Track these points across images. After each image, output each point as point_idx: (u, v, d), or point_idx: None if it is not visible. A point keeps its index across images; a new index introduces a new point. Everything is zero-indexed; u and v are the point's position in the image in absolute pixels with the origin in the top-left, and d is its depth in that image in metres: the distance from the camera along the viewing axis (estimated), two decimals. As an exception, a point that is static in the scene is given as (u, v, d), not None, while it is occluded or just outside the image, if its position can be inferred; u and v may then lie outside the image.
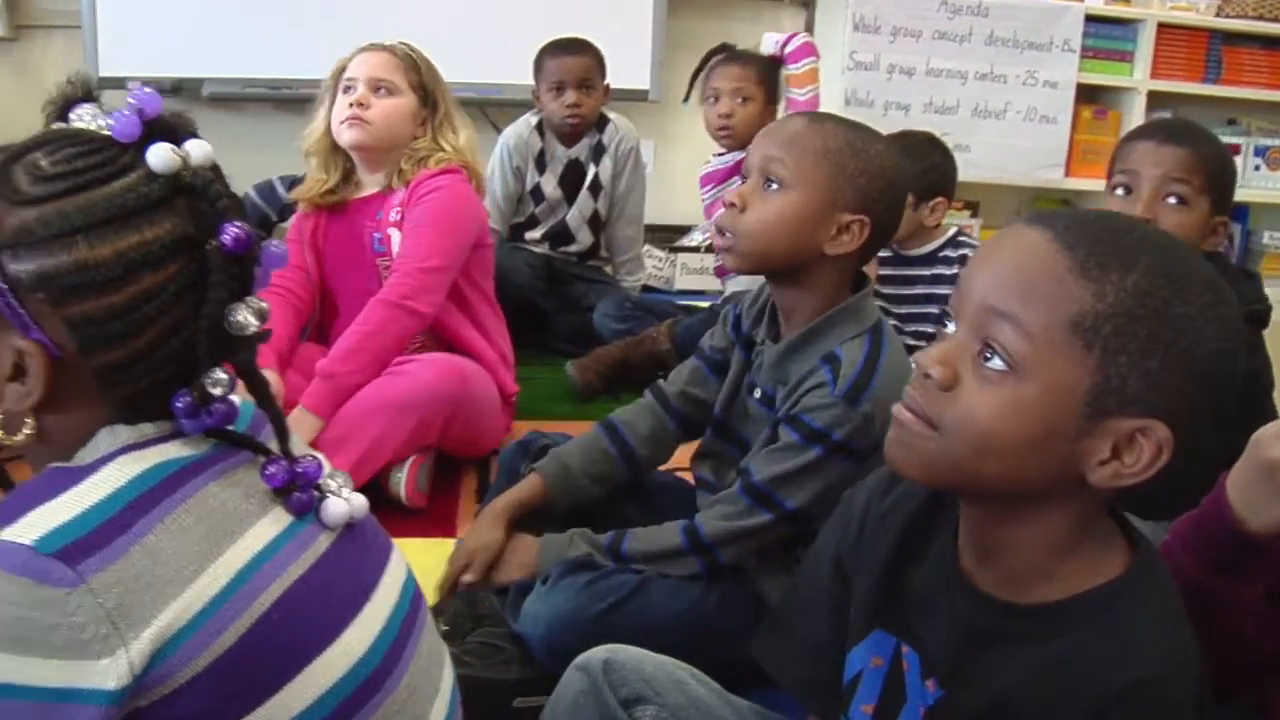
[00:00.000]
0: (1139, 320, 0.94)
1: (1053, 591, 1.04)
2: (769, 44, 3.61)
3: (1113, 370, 0.94)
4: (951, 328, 1.04)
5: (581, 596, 1.72)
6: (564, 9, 4.57)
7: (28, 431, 0.99)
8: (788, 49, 3.55)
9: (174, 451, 0.97)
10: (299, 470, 1.02)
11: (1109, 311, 0.94)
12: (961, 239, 2.98)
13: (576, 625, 1.69)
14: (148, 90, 1.00)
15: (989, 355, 0.98)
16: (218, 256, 0.97)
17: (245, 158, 3.60)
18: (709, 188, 3.72)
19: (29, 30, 4.67)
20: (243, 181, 3.10)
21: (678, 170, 4.12)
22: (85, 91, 1.01)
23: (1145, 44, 4.70)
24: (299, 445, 1.07)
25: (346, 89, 2.66)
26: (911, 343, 2.98)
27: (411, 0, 4.63)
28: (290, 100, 4.20)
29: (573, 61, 3.77)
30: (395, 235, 2.65)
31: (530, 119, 3.91)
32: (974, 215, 4.93)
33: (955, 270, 2.91)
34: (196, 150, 1.00)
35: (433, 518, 2.50)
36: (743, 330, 1.94)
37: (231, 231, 0.97)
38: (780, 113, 3.60)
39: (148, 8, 4.51)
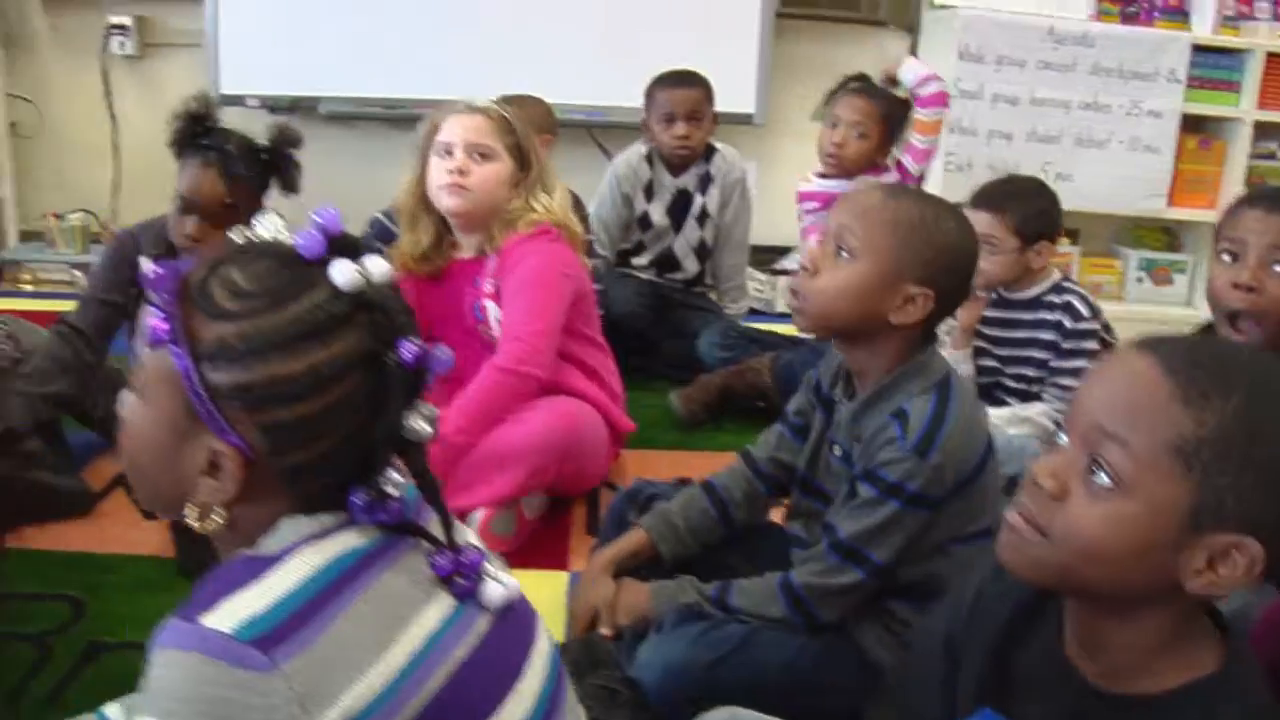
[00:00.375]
0: (1237, 445, 0.99)
1: (1151, 685, 1.09)
2: (909, 74, 3.61)
3: (1211, 491, 1.00)
4: (1064, 439, 1.11)
5: (695, 648, 1.80)
6: (671, 34, 4.66)
7: (218, 521, 1.07)
8: (922, 90, 3.57)
9: (351, 541, 1.05)
10: (463, 560, 1.10)
11: (1209, 437, 0.99)
12: (1065, 284, 2.99)
13: (689, 674, 1.78)
14: (330, 209, 1.08)
15: (1096, 471, 1.05)
16: (396, 370, 1.04)
17: (360, 174, 3.76)
18: (807, 205, 3.76)
19: (155, 49, 4.89)
20: (358, 197, 3.15)
21: (780, 193, 4.15)
22: (206, 107, 1.08)
23: (1253, 73, 4.68)
24: (461, 533, 1.15)
25: (444, 153, 2.62)
26: (1011, 385, 3.02)
27: (520, 26, 4.75)
28: (404, 119, 4.29)
29: (682, 94, 3.84)
30: (491, 307, 2.65)
31: (641, 148, 3.99)
32: (1074, 243, 4.93)
33: (1058, 316, 2.94)
34: (376, 268, 1.06)
35: (544, 551, 2.55)
36: (822, 391, 2.01)
37: (410, 349, 1.05)
38: (897, 153, 3.65)
39: (267, 29, 4.69)
